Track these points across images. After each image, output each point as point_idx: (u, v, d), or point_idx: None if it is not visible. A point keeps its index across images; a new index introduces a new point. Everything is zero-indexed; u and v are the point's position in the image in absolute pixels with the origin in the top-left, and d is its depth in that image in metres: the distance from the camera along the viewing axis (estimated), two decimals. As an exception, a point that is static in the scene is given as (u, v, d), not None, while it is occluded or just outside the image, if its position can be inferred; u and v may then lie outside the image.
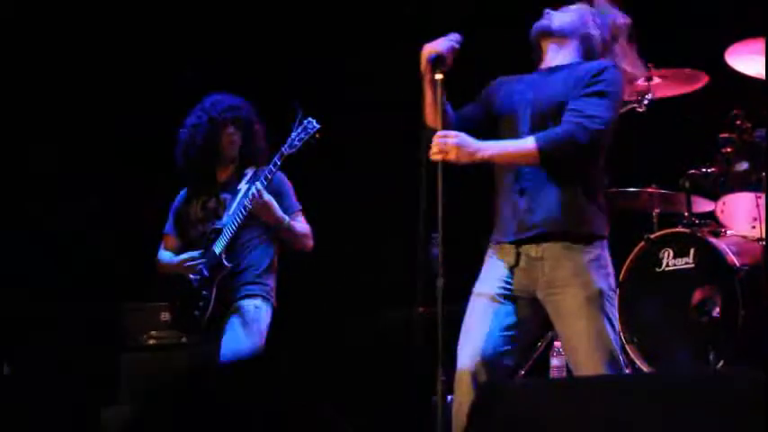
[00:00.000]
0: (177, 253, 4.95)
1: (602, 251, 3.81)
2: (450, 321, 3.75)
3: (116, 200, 6.49)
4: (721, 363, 4.80)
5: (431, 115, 3.85)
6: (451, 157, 3.71)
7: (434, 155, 3.71)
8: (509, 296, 3.82)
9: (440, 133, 3.75)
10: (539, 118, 3.79)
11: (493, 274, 3.86)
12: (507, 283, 3.83)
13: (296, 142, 4.70)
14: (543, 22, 3.95)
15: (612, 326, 3.76)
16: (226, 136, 4.87)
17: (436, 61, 3.80)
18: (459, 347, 3.82)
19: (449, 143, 3.72)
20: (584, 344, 3.74)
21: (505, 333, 3.80)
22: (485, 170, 3.91)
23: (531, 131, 3.77)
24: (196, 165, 4.91)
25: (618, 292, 5.03)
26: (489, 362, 3.76)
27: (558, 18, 3.95)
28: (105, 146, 6.59)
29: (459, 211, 3.77)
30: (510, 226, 3.84)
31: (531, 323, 3.88)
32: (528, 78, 3.95)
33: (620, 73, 3.84)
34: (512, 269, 3.83)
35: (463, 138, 3.74)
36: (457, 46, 3.84)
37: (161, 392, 3.02)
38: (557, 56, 3.93)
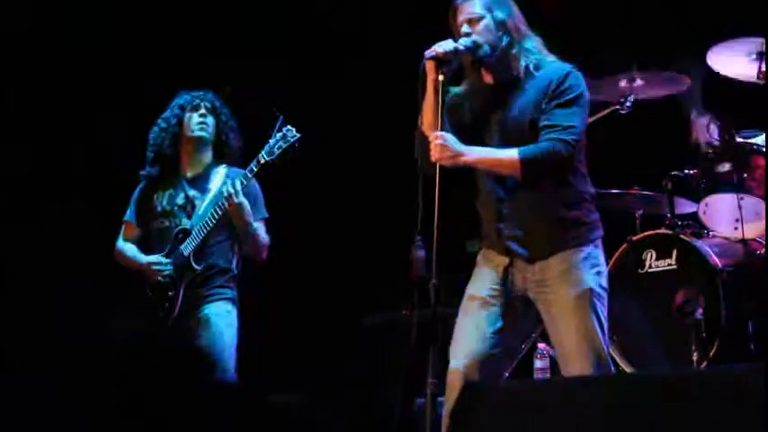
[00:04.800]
0: (136, 242, 4.90)
1: (595, 249, 3.86)
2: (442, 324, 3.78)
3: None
4: (704, 363, 4.81)
5: (427, 118, 3.83)
6: (434, 157, 3.73)
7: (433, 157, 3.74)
8: (500, 297, 3.86)
9: (433, 134, 3.76)
10: (509, 135, 3.81)
11: (484, 275, 3.90)
12: (498, 284, 3.87)
13: (275, 150, 4.61)
14: (484, 54, 3.83)
15: (602, 325, 3.81)
16: (197, 116, 4.83)
17: (439, 62, 3.78)
18: (451, 349, 3.86)
19: (434, 142, 3.74)
20: (572, 342, 3.78)
21: (497, 334, 3.83)
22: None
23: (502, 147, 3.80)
24: (163, 149, 4.85)
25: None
26: (481, 363, 3.80)
27: (483, 43, 3.83)
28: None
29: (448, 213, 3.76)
30: (497, 242, 3.88)
31: (522, 323, 3.94)
32: (484, 94, 3.92)
33: (581, 73, 3.87)
34: (503, 270, 3.87)
35: (448, 139, 3.76)
36: (462, 49, 3.81)
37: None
38: (499, 68, 3.89)
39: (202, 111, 4.85)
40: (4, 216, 6.33)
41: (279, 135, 4.64)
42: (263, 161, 4.63)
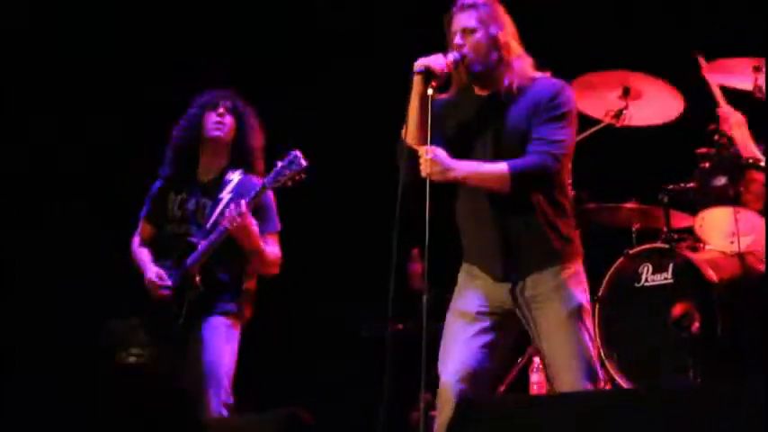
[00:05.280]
0: (150, 242, 4.86)
1: (579, 266, 3.90)
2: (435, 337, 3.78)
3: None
4: (701, 377, 4.80)
5: (414, 131, 3.83)
6: (424, 172, 3.73)
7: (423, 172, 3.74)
8: (487, 313, 3.87)
9: (423, 148, 3.76)
10: (502, 149, 3.82)
11: (470, 290, 3.91)
12: (485, 299, 3.88)
13: (280, 177, 4.55)
14: (474, 68, 3.85)
15: (591, 338, 3.85)
16: (215, 115, 4.76)
17: (427, 75, 3.78)
18: (440, 365, 3.86)
19: (424, 157, 3.73)
20: (565, 358, 3.80)
21: (485, 349, 3.85)
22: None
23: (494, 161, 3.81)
24: (182, 148, 4.81)
25: (597, 307, 5.05)
26: (471, 378, 3.81)
27: (474, 56, 3.85)
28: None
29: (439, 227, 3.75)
30: (487, 258, 3.88)
31: (509, 337, 3.96)
32: (474, 106, 3.92)
33: (572, 89, 3.91)
34: (489, 285, 3.88)
35: (438, 154, 3.75)
36: (451, 63, 3.82)
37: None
38: (488, 82, 3.90)
39: (221, 110, 4.78)
40: (4, 216, 6.33)
41: (286, 161, 4.58)
42: (268, 187, 4.60)
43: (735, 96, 5.18)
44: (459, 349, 3.83)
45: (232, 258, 4.70)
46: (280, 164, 4.59)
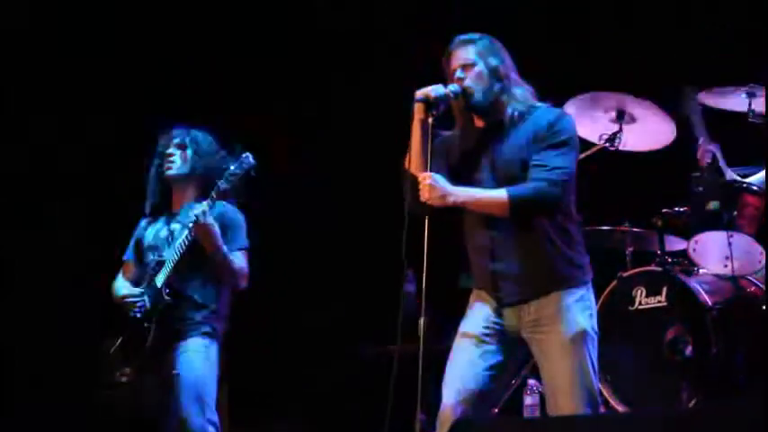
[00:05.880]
0: (133, 280, 4.89)
1: (587, 292, 3.93)
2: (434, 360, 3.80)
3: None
4: (694, 401, 4.82)
5: (415, 159, 3.88)
6: (423, 197, 3.77)
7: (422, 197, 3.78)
8: (493, 336, 3.91)
9: (422, 174, 3.80)
10: (503, 177, 3.86)
11: (478, 314, 3.95)
12: (492, 322, 3.92)
13: (231, 177, 4.59)
14: (475, 100, 3.90)
15: (593, 365, 3.87)
16: (167, 155, 4.82)
17: (428, 104, 3.83)
18: (443, 386, 3.91)
19: (423, 183, 3.76)
20: (566, 382, 3.82)
21: (489, 372, 3.88)
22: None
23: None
24: (153, 188, 4.89)
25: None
26: (473, 400, 3.85)
27: (476, 89, 3.90)
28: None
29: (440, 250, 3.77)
30: (490, 283, 3.92)
31: (513, 362, 4.00)
32: (475, 136, 3.97)
33: (572, 117, 3.97)
34: (496, 309, 3.92)
35: (437, 179, 3.80)
36: (452, 96, 3.87)
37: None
38: (489, 113, 3.95)
39: (170, 150, 4.84)
40: (4, 216, 6.34)
41: (236, 162, 4.62)
42: (222, 188, 4.60)
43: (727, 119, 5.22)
44: (462, 371, 3.87)
45: (203, 278, 4.73)
46: (231, 166, 4.62)
